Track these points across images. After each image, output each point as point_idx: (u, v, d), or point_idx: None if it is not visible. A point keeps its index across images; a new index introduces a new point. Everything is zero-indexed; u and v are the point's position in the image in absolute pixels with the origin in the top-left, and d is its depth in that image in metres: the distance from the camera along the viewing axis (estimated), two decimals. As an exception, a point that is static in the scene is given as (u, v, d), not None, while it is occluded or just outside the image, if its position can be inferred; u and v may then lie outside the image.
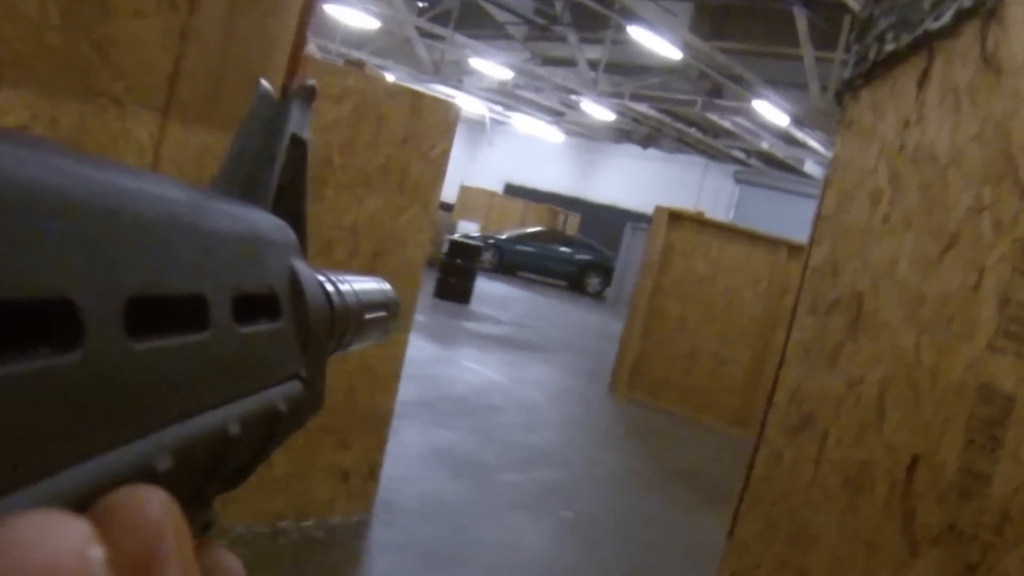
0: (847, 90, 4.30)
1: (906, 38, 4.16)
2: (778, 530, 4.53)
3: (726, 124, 26.87)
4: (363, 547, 6.24)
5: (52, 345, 0.28)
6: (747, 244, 13.41)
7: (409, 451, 8.46)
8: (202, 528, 0.45)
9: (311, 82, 0.63)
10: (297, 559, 5.70)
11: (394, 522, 6.65)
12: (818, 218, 4.43)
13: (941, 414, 3.97)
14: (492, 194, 38.90)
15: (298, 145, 0.62)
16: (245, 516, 5.80)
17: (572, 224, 37.23)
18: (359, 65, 6.23)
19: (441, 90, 27.51)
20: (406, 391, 9.66)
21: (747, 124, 26.03)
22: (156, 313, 0.35)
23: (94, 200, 0.31)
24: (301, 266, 0.54)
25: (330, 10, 23.97)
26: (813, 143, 24.75)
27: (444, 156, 6.39)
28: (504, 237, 32.83)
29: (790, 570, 4.51)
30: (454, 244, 21.47)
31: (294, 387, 0.52)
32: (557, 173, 42.60)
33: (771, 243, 13.27)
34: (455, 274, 20.90)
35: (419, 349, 12.88)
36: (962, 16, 4.03)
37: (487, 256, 29.60)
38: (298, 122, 0.62)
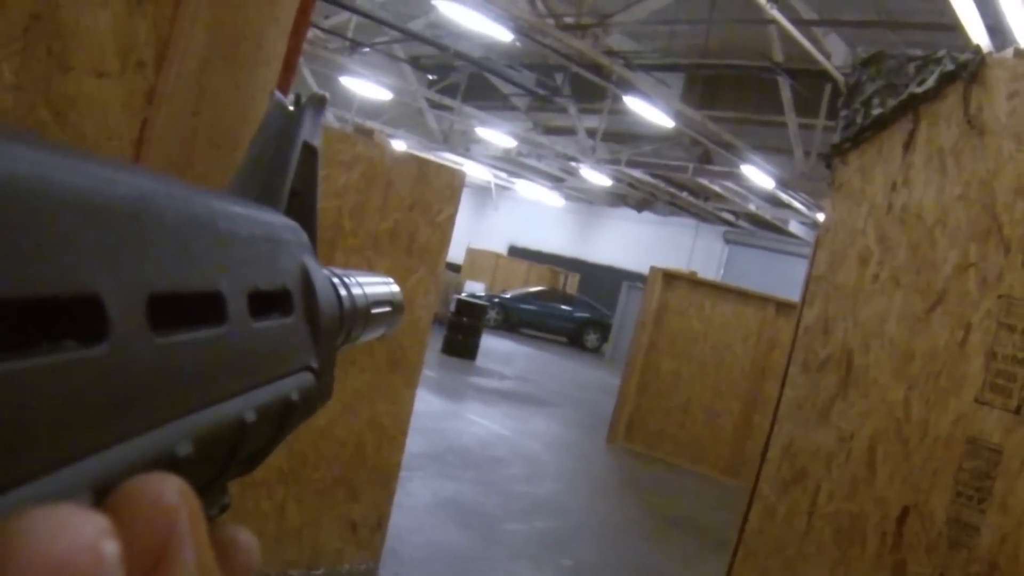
0: (836, 154, 4.24)
1: (892, 102, 4.11)
2: None
3: (716, 188, 26.93)
4: None
5: (80, 339, 0.29)
6: (737, 302, 13.44)
7: (416, 502, 8.39)
8: (220, 510, 0.46)
9: (322, 92, 0.65)
10: None
11: (401, 572, 6.60)
12: (809, 278, 4.37)
13: (930, 467, 3.91)
14: (497, 255, 38.86)
15: (309, 152, 0.63)
16: (260, 566, 5.63)
17: (572, 283, 37.16)
18: (368, 133, 6.17)
19: (449, 157, 27.61)
20: (414, 444, 9.59)
21: (735, 187, 26.07)
22: (177, 309, 0.35)
23: (119, 203, 0.31)
24: (312, 264, 0.54)
25: (346, 82, 24.16)
26: (797, 204, 24.78)
27: (450, 220, 6.36)
28: (508, 296, 32.92)
29: None
30: (461, 303, 21.47)
31: (306, 378, 0.52)
32: (558, 235, 42.68)
33: (760, 300, 13.30)
34: (462, 331, 20.89)
35: (427, 403, 12.85)
36: (945, 79, 3.98)
37: (492, 314, 29.57)
38: (309, 130, 0.63)
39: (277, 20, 1.48)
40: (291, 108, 0.63)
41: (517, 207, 44.11)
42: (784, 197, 24.32)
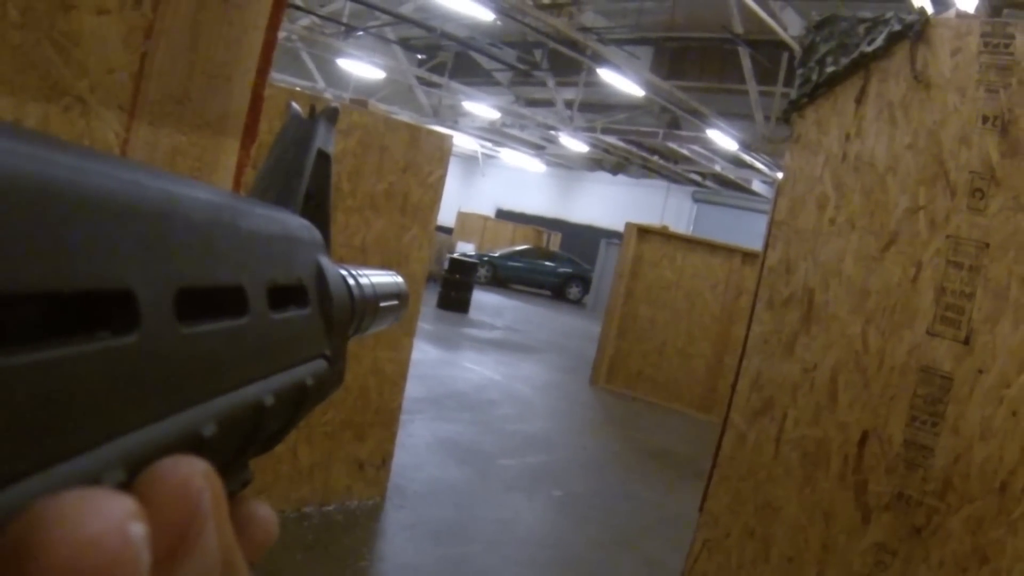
0: (794, 109, 4.22)
1: (844, 60, 4.09)
2: (745, 503, 4.44)
3: (684, 151, 26.95)
4: (378, 528, 6.17)
5: (113, 329, 0.29)
6: (706, 253, 13.47)
7: (418, 441, 8.41)
8: (240, 485, 0.46)
9: (335, 104, 0.64)
10: (320, 540, 5.64)
11: (405, 505, 6.62)
12: (772, 223, 4.36)
13: (887, 394, 3.91)
14: (485, 218, 38.89)
15: (323, 158, 0.64)
16: (275, 503, 5.77)
17: (555, 242, 37.22)
18: (362, 103, 6.13)
19: (439, 130, 27.46)
20: (414, 389, 9.62)
21: (702, 150, 26.11)
22: (202, 301, 0.36)
23: (150, 205, 0.31)
24: (325, 261, 0.55)
25: (343, 64, 24.23)
26: (759, 165, 24.79)
27: (440, 181, 6.35)
28: (496, 255, 33.01)
29: (756, 538, 4.41)
30: (453, 261, 21.60)
31: (320, 365, 0.53)
32: (540, 198, 42.77)
33: (727, 251, 13.33)
34: (455, 288, 21.01)
35: (425, 353, 12.89)
36: (893, 39, 3.96)
37: (482, 271, 29.87)
38: (323, 139, 0.64)
39: (266, -40, 1.45)
40: (306, 119, 0.64)
41: (502, 173, 44.12)
42: (747, 158, 24.35)
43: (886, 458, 3.87)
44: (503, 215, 42.64)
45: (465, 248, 30.81)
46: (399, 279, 0.77)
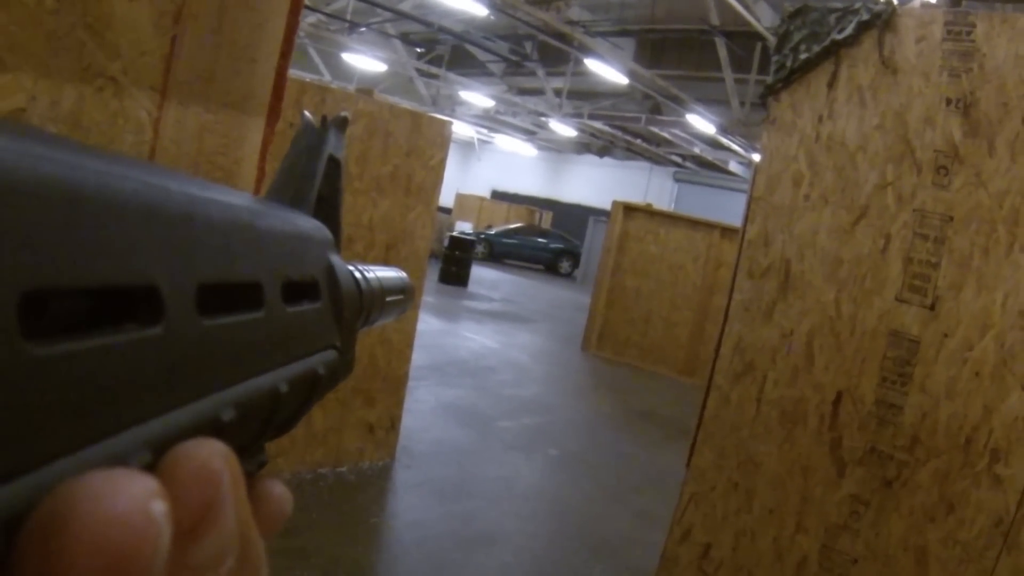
0: (770, 93, 4.22)
1: (816, 48, 4.10)
2: (728, 459, 4.46)
3: (665, 135, 26.92)
4: (388, 486, 6.20)
5: (140, 321, 0.29)
6: (687, 228, 13.50)
7: (423, 406, 8.43)
8: (258, 466, 0.46)
9: (345, 113, 0.67)
10: (334, 498, 5.67)
11: (412, 465, 6.65)
12: (751, 199, 4.36)
13: (859, 356, 3.93)
14: (482, 199, 38.92)
15: (334, 163, 0.64)
16: (291, 465, 5.86)
17: (546, 220, 37.15)
18: (368, 92, 6.12)
19: (440, 117, 27.50)
20: (418, 358, 9.63)
21: (682, 134, 26.07)
22: (222, 296, 0.36)
23: (174, 207, 0.31)
24: (336, 259, 0.55)
25: (347, 58, 24.20)
26: (735, 147, 24.80)
27: (441, 164, 6.36)
28: (492, 232, 33.08)
29: (740, 491, 4.43)
30: (453, 239, 21.62)
31: (330, 355, 0.53)
32: (532, 180, 42.75)
33: (707, 226, 13.36)
34: (455, 263, 21.06)
35: (428, 324, 12.91)
36: (862, 27, 3.97)
37: (480, 248, 29.85)
38: (334, 145, 0.64)
39: (287, -53, 1.43)
40: (318, 126, 0.64)
41: (497, 157, 44.18)
42: (724, 141, 24.36)
43: (859, 416, 3.88)
44: (498, 196, 42.62)
45: (463, 227, 30.82)
46: (404, 275, 0.77)
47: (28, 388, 0.23)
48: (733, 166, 30.21)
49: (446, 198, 36.40)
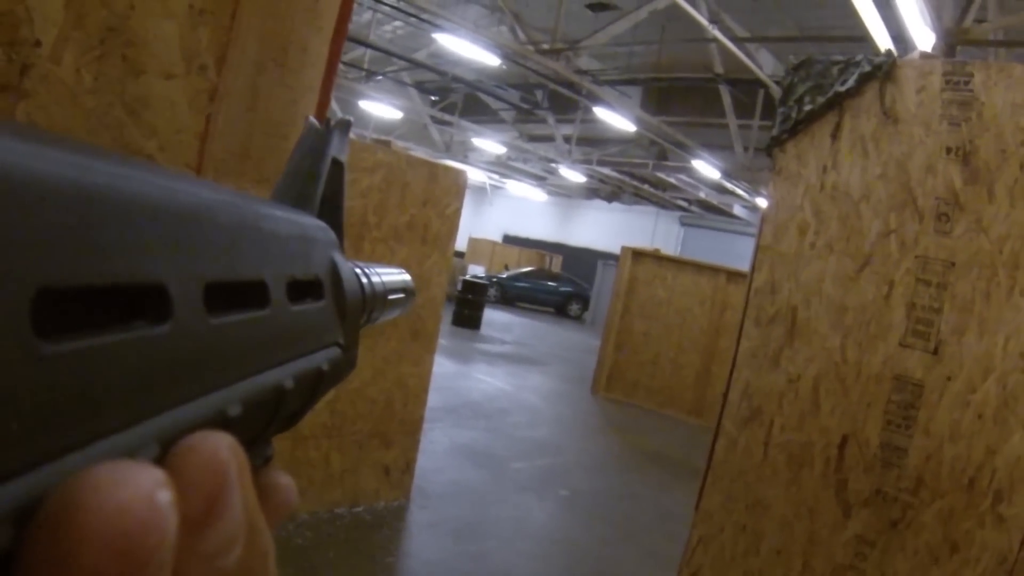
0: (776, 144, 4.24)
1: (821, 99, 4.14)
2: (737, 501, 4.45)
3: (672, 180, 26.93)
4: (403, 526, 6.16)
5: (148, 319, 0.30)
6: (694, 272, 13.48)
7: (438, 447, 8.43)
8: (264, 460, 0.46)
9: (347, 117, 0.65)
10: (351, 538, 5.65)
11: (427, 505, 6.62)
12: (758, 248, 4.37)
13: (864, 401, 3.93)
14: (494, 243, 38.97)
15: (337, 166, 0.64)
16: (310, 505, 5.86)
17: (556, 263, 37.18)
18: (386, 143, 6.17)
19: (451, 164, 27.68)
20: (433, 400, 9.59)
21: (687, 179, 26.08)
22: (229, 295, 0.36)
23: (182, 208, 0.32)
24: (339, 258, 0.55)
25: (364, 105, 24.22)
26: (740, 191, 24.76)
27: (456, 213, 6.38)
28: (504, 276, 33.05)
29: (747, 533, 4.42)
30: (466, 283, 21.53)
31: (334, 351, 0.54)
32: (543, 224, 42.71)
33: (713, 271, 13.33)
34: (468, 306, 20.98)
35: (442, 366, 12.85)
36: (864, 79, 4.01)
37: (492, 291, 29.76)
38: (337, 148, 0.64)
39: (320, 28, 1.45)
40: (322, 130, 0.64)
41: (508, 202, 44.22)
42: (728, 185, 24.33)
43: (864, 459, 3.87)
44: (509, 240, 42.72)
45: (476, 270, 30.75)
46: (406, 275, 0.78)
47: (40, 384, 0.23)
48: (737, 210, 30.22)
49: (459, 242, 36.34)
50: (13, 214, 0.22)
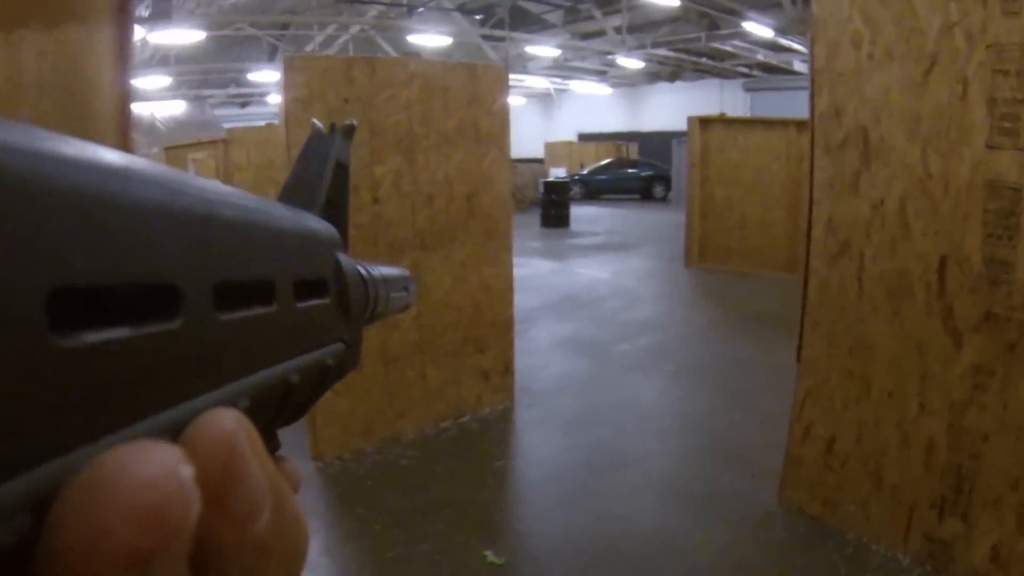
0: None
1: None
2: (839, 346, 4.06)
3: (727, 47, 26.42)
4: (511, 428, 5.97)
5: (159, 316, 0.30)
6: (763, 129, 13.11)
7: (540, 345, 8.18)
8: (271, 451, 0.39)
9: (352, 121, 0.66)
10: (458, 448, 5.48)
11: (534, 403, 6.40)
12: (813, 71, 3.92)
13: (958, 215, 3.44)
14: (570, 143, 38.99)
15: (341, 168, 0.64)
16: (414, 424, 5.70)
17: (632, 152, 36.91)
18: (415, 55, 5.79)
19: (514, 76, 27.64)
20: (530, 299, 9.39)
21: (743, 44, 25.56)
22: (237, 293, 0.36)
23: (192, 210, 0.32)
24: (343, 258, 0.54)
25: (413, 39, 24.06)
26: (796, 46, 24.09)
27: (504, 108, 6.00)
28: (585, 172, 32.96)
29: (855, 378, 4.04)
30: (548, 184, 21.52)
31: (339, 347, 0.53)
32: (613, 117, 42.28)
33: (782, 124, 12.92)
34: (553, 207, 21.00)
35: (536, 267, 12.71)
36: None
37: (575, 189, 29.72)
38: (341, 151, 0.64)
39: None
40: (326, 134, 0.64)
41: (576, 103, 43.91)
42: (784, 42, 23.72)
43: (968, 279, 3.44)
44: (584, 137, 42.39)
45: (557, 172, 30.51)
46: (406, 272, 0.75)
47: (54, 379, 0.23)
48: (798, 65, 29.39)
49: (536, 149, 36.21)
50: (29, 214, 0.22)
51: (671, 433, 5.82)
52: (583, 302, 10.47)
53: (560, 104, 44.67)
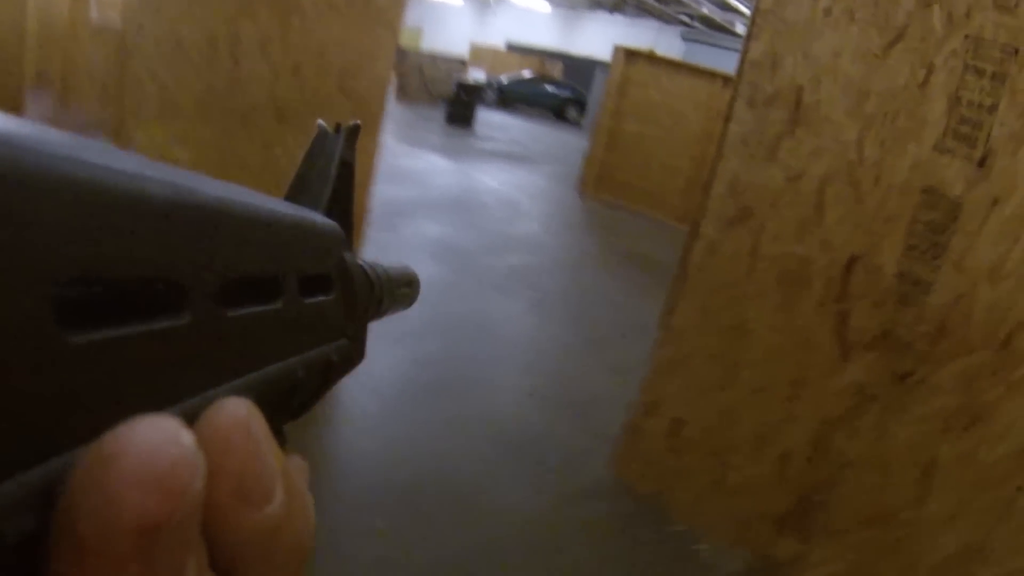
0: None
1: None
2: (712, 321, 3.50)
3: (674, -8, 26.00)
4: None
5: (166, 312, 0.30)
6: (690, 76, 12.63)
7: (404, 243, 7.50)
8: (279, 446, 0.38)
9: (357, 122, 0.64)
10: None
11: None
12: (756, 12, 3.29)
13: (882, 215, 2.89)
14: (496, 50, 38.69)
15: (346, 167, 0.62)
16: None
17: (556, 71, 36.71)
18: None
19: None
20: (410, 193, 8.81)
21: (690, -8, 25.12)
22: (244, 289, 0.36)
23: (200, 208, 0.32)
24: (348, 255, 0.54)
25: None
26: (743, 8, 23.76)
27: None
28: (504, 80, 32.48)
29: (722, 362, 3.49)
30: (460, 84, 21.25)
31: (343, 343, 0.52)
32: (546, 35, 42.33)
33: (710, 75, 12.47)
34: (463, 106, 20.80)
35: (428, 161, 12.11)
36: None
37: (491, 93, 30.08)
38: (346, 150, 0.62)
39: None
40: (332, 133, 0.62)
41: (513, 12, 43.82)
42: (732, 2, 23.34)
43: (875, 289, 2.94)
44: (512, 48, 42.05)
45: (476, 75, 30.05)
46: (411, 271, 0.72)
47: (63, 375, 0.23)
48: (740, 28, 29.28)
49: (462, 50, 36.24)
50: (39, 212, 0.22)
51: (515, 367, 5.26)
52: (464, 206, 9.82)
53: (496, 11, 44.57)
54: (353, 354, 0.54)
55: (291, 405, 0.44)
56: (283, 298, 0.40)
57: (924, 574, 3.05)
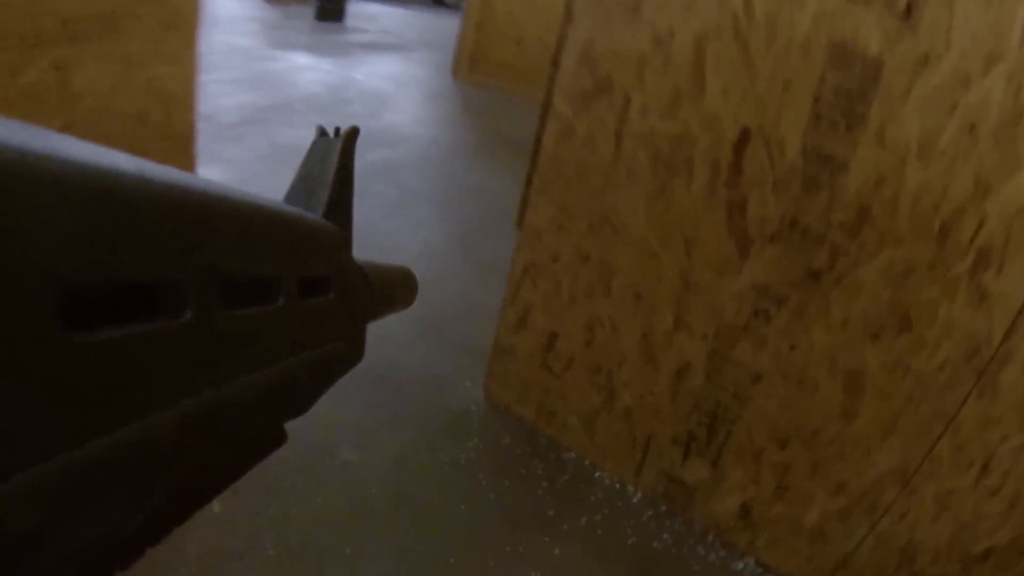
0: None
1: None
2: (575, 219, 2.80)
3: None
4: None
5: (168, 312, 0.29)
6: None
7: (251, 154, 6.57)
8: (278, 445, 0.44)
9: (355, 125, 0.64)
10: None
11: None
12: None
13: (779, 80, 2.20)
14: (368, -63, 36.45)
15: (345, 170, 0.61)
16: None
17: (430, -46, 34.97)
18: None
19: None
20: (263, 98, 8.20)
21: None
22: (244, 290, 0.36)
23: (201, 211, 0.31)
24: (346, 257, 0.55)
25: None
26: None
27: None
28: (377, -33, 30.68)
29: (592, 264, 2.80)
30: None
31: (342, 344, 0.53)
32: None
33: None
34: (331, 0, 18.96)
35: (288, 61, 11.08)
36: None
37: (364, -17, 28.17)
38: (345, 154, 0.62)
39: None
40: (331, 137, 0.62)
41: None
42: None
43: (775, 170, 2.30)
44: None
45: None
46: (409, 271, 0.74)
47: (65, 373, 0.23)
48: None
49: None
50: (42, 213, 0.22)
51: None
52: (322, 104, 8.86)
53: None
54: (351, 355, 0.53)
55: (291, 404, 0.43)
56: (282, 299, 0.39)
57: (855, 494, 2.51)
